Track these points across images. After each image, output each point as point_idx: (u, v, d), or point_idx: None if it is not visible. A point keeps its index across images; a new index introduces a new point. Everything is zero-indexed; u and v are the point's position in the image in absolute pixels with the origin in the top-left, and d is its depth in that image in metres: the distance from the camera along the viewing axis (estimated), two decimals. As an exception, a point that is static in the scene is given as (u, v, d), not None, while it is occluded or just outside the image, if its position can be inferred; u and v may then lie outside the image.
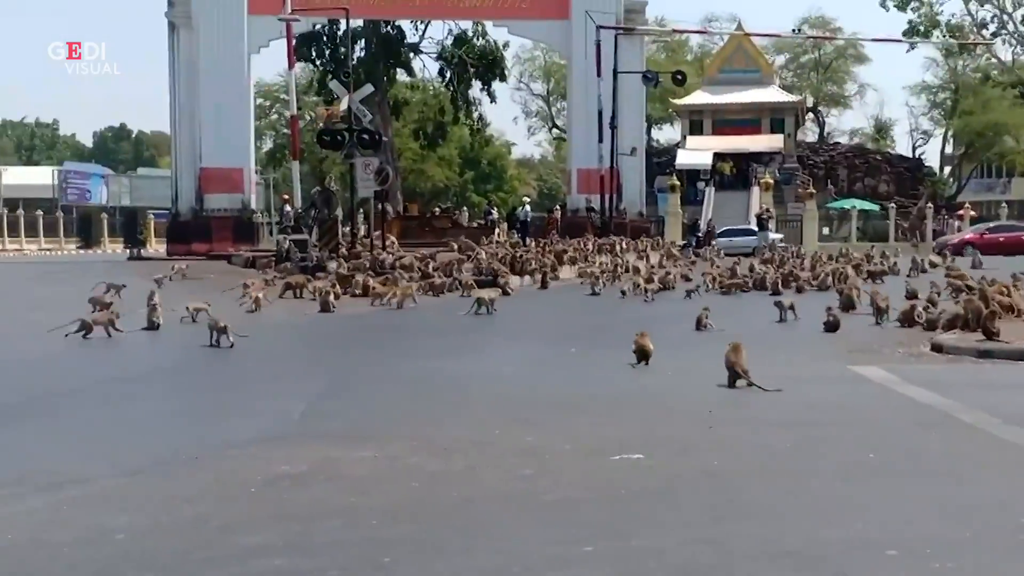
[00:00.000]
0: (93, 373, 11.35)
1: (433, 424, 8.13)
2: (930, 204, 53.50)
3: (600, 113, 37.76)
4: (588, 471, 6.53)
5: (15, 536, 5.32)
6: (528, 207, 45.20)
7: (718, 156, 55.68)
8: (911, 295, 16.97)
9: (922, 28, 57.28)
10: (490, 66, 48.49)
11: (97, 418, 8.76)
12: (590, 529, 5.29)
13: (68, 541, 5.24)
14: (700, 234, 40.38)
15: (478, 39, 48.13)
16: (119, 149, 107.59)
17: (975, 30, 59.04)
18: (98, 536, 5.30)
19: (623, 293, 20.17)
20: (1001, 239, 35.35)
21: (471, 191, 75.43)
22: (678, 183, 49.98)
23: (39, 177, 72.76)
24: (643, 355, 10.96)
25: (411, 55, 50.69)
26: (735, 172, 54.42)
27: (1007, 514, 5.44)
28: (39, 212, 56.90)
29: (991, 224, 42.36)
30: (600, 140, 37.77)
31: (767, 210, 43.36)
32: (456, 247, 26.55)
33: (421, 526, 5.45)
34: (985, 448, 7.03)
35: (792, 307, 15.69)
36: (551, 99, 75.16)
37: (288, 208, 33.21)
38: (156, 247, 46.92)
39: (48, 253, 49.24)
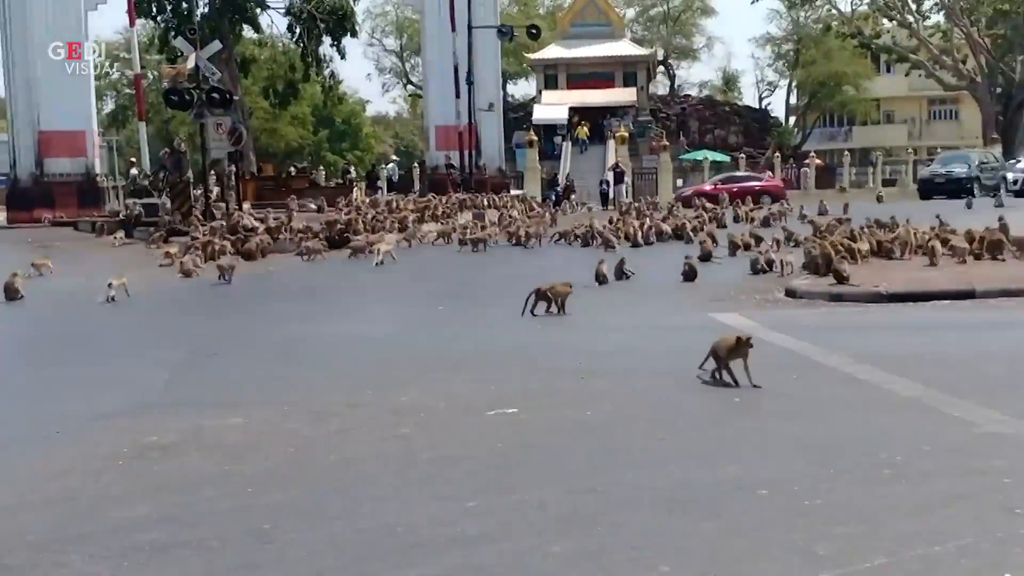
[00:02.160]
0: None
1: (304, 388, 8.06)
2: (777, 153, 55.17)
3: (456, 68, 37.57)
4: (464, 428, 6.58)
5: None
6: (394, 165, 44.62)
7: (574, 111, 56.12)
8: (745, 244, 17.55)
9: (766, -20, 58.80)
10: (340, 21, 47.56)
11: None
12: (471, 485, 5.34)
13: (-74, 526, 5.01)
14: (559, 188, 40.71)
15: (328, -6, 47.15)
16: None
17: (816, -19, 60.98)
18: (-41, 519, 5.09)
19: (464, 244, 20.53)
20: (734, 189, 36.21)
21: (326, 150, 74.23)
22: (535, 138, 50.20)
23: None
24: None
25: (258, 11, 49.36)
26: (589, 129, 54.89)
27: (866, 450, 5.72)
28: None
29: (723, 175, 43.51)
30: (457, 96, 37.61)
31: (617, 164, 43.88)
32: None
33: (299, 491, 5.41)
34: (842, 387, 7.35)
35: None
36: (405, 55, 74.34)
37: (134, 171, 32.11)
38: (-5, 215, 44.71)
39: None
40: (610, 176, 41.84)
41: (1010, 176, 36.48)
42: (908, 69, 61.32)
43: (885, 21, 59.30)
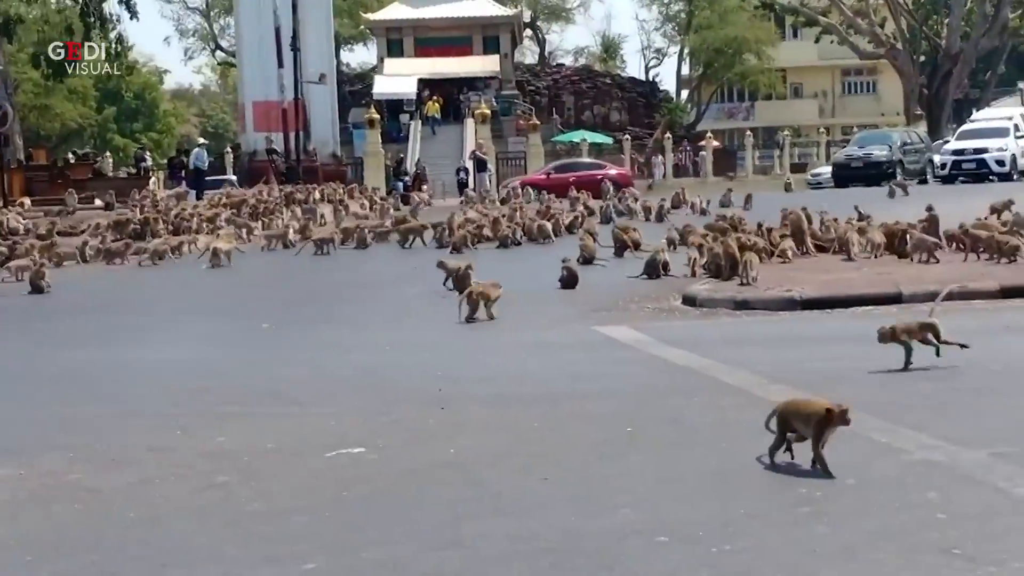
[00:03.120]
0: None
1: (94, 430, 7.88)
2: (668, 134, 56.34)
3: (278, 32, 37.28)
4: (299, 473, 6.52)
5: None
6: (201, 150, 43.60)
7: (423, 83, 56.19)
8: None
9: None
10: (129, -28, 46.67)
11: None
12: (308, 543, 5.29)
13: None
14: (407, 178, 40.71)
15: (113, -62, 46.20)
16: None
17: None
18: None
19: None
20: (571, 179, 35.85)
21: (114, 132, 72.79)
22: (377, 117, 50.07)
23: None
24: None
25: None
26: (443, 105, 54.93)
27: (783, 485, 5.87)
28: None
29: (558, 162, 43.64)
30: (280, 65, 37.34)
31: (479, 147, 43.98)
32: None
33: (90, 557, 5.28)
34: (752, 411, 7.50)
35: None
36: (212, 14, 73.38)
37: None
38: None
39: None
40: (470, 163, 42.02)
41: (937, 159, 37.66)
42: (818, 34, 63.48)
43: (792, -23, 61.18)
